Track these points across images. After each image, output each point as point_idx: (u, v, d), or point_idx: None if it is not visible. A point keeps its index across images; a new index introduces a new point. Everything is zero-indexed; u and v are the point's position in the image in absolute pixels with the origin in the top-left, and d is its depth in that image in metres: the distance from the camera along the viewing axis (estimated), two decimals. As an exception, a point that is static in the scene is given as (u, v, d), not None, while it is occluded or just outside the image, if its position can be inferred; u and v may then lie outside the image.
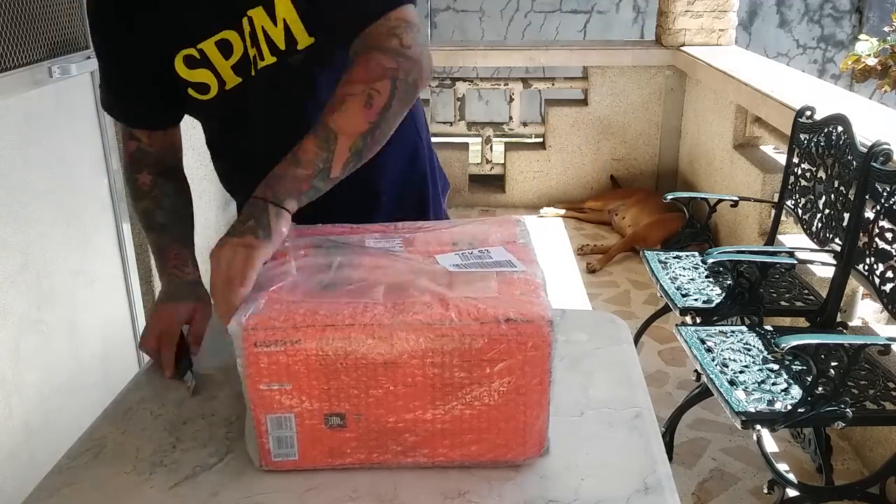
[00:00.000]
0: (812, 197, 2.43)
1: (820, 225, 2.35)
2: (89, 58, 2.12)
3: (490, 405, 0.86)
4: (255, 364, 0.83)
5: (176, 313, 1.14)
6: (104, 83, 1.23)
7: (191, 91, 1.16)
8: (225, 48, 1.12)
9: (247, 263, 0.90)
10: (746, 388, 1.88)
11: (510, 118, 4.67)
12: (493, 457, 0.89)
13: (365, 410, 0.86)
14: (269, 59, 1.12)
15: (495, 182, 4.76)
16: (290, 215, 0.96)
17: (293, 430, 0.87)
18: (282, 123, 1.15)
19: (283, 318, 0.83)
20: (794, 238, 2.82)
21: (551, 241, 4.18)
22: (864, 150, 2.09)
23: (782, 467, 2.03)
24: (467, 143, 4.72)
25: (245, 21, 1.10)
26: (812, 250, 2.36)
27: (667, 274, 2.59)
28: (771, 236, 2.69)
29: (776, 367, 1.98)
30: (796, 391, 1.86)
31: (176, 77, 1.14)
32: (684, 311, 2.37)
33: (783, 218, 2.70)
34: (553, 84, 4.67)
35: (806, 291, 2.46)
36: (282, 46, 1.11)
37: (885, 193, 2.00)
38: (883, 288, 1.97)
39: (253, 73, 1.13)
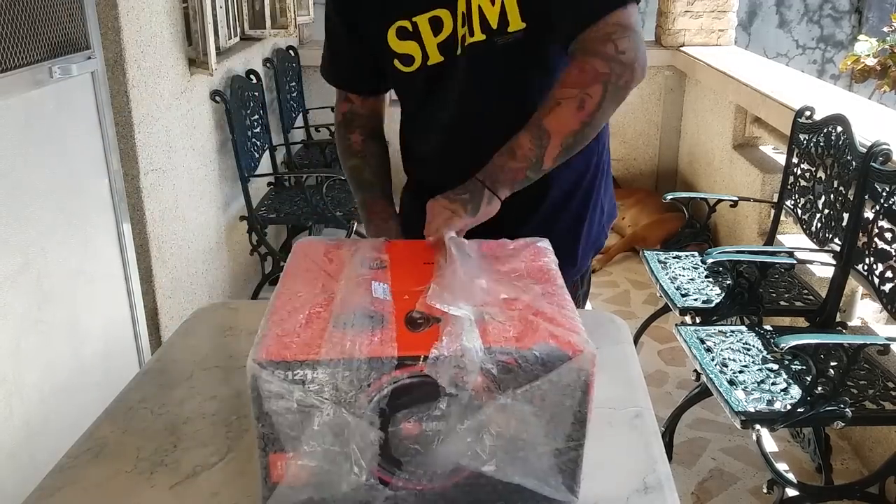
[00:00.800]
0: (811, 197, 2.43)
1: (819, 225, 2.35)
2: (89, 58, 2.12)
3: None
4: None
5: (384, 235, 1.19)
6: (328, 53, 1.40)
7: (396, 62, 1.27)
8: (436, 25, 1.21)
9: (446, 223, 1.06)
10: (746, 387, 1.88)
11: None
12: None
13: None
14: (479, 37, 1.19)
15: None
16: (500, 202, 1.11)
17: None
18: (476, 103, 1.25)
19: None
20: (793, 238, 2.82)
21: (551, 241, 4.18)
22: (864, 150, 2.10)
23: (782, 467, 2.03)
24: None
25: (462, 2, 1.18)
26: (812, 250, 2.36)
27: (666, 274, 2.59)
28: (770, 236, 2.70)
29: (776, 366, 1.98)
30: (796, 391, 1.86)
31: (385, 48, 1.26)
32: (684, 311, 2.38)
33: (783, 218, 2.71)
34: (553, 84, 4.67)
35: (805, 291, 2.46)
36: (494, 25, 1.17)
37: (884, 193, 2.00)
38: (882, 288, 1.97)
39: (458, 52, 1.22)
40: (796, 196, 2.54)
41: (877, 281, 2.00)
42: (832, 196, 2.28)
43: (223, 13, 3.13)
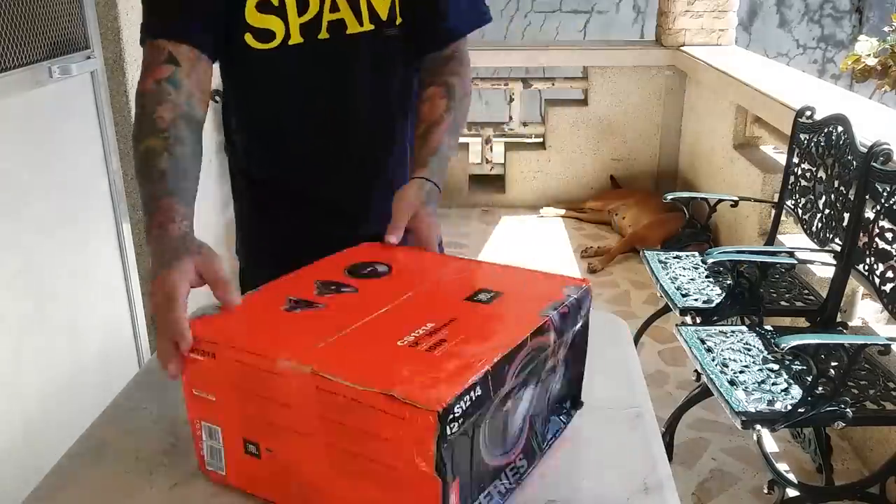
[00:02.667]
0: (812, 197, 2.43)
1: (820, 225, 2.35)
2: (89, 58, 2.12)
3: (383, 491, 0.72)
4: (188, 367, 0.83)
5: (171, 281, 0.90)
6: (166, 5, 1.13)
7: (248, 37, 1.16)
8: (302, 3, 1.15)
9: (436, 233, 1.12)
10: (746, 388, 1.88)
11: (510, 118, 4.67)
12: None
13: (274, 447, 0.80)
14: (367, 27, 1.19)
15: (495, 182, 4.76)
16: None
17: (221, 445, 0.85)
18: (350, 94, 1.23)
19: (212, 330, 0.84)
20: (794, 238, 2.82)
21: (551, 241, 4.18)
22: (864, 150, 2.09)
23: (782, 467, 2.03)
24: (467, 143, 4.72)
25: None
26: (812, 250, 2.36)
27: (667, 274, 2.59)
28: (771, 236, 2.69)
29: (776, 367, 1.98)
30: (796, 391, 1.86)
31: (238, 19, 1.14)
32: (684, 311, 2.37)
33: (783, 218, 2.70)
34: (553, 84, 4.67)
35: (806, 291, 2.46)
36: (383, 16, 1.20)
37: (885, 193, 2.00)
38: (883, 288, 1.97)
39: (320, 36, 1.18)
40: (797, 196, 2.54)
41: (877, 281, 1.99)
42: (833, 196, 2.28)
43: (223, 13, 3.13)
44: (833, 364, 1.92)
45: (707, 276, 2.57)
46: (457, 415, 0.68)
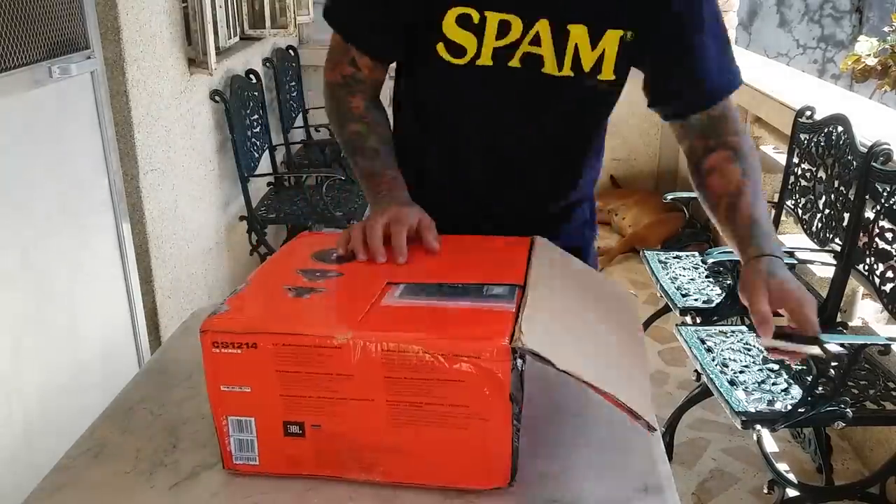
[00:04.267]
0: (812, 197, 2.43)
1: (820, 225, 2.35)
2: (89, 58, 2.12)
3: (448, 430, 0.82)
4: (214, 365, 0.83)
5: (405, 213, 1.07)
6: (356, 5, 1.20)
7: (440, 48, 1.14)
8: (503, 28, 1.11)
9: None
10: (746, 388, 1.88)
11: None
12: (454, 482, 0.85)
13: (323, 421, 0.84)
14: (567, 72, 1.13)
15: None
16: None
17: (254, 434, 0.86)
18: (529, 128, 1.20)
19: (242, 322, 0.84)
20: (794, 238, 2.82)
21: (551, 241, 4.18)
22: (864, 150, 2.09)
23: (782, 467, 2.03)
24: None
25: (542, 25, 1.11)
26: (812, 250, 2.36)
27: (667, 274, 2.59)
28: (771, 236, 2.69)
29: (776, 366, 1.98)
30: (796, 391, 1.86)
31: (434, 30, 1.13)
32: (684, 311, 2.37)
33: (783, 218, 2.70)
34: (553, 84, 4.67)
35: (806, 291, 2.46)
36: (586, 68, 1.13)
37: (885, 193, 2.00)
38: (883, 288, 1.97)
39: (511, 63, 1.13)
40: (797, 196, 2.54)
41: (877, 281, 1.99)
42: (833, 196, 2.28)
43: (223, 13, 3.13)
44: (833, 364, 1.92)
45: (707, 276, 2.57)
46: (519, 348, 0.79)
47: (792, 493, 1.90)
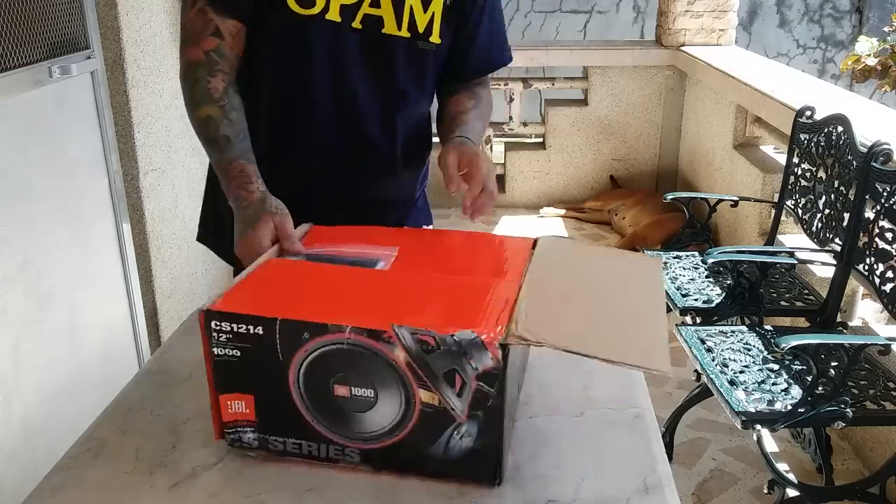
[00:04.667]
0: (812, 197, 2.43)
1: (820, 225, 2.35)
2: (89, 58, 2.12)
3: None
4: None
5: (258, 239, 1.07)
6: None
7: (291, 2, 1.18)
8: None
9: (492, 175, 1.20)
10: (746, 388, 1.88)
11: (510, 118, 4.67)
12: None
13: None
14: (404, 33, 1.25)
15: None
16: None
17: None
18: (366, 87, 1.27)
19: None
20: (794, 238, 2.82)
21: (551, 241, 4.17)
22: (864, 150, 2.09)
23: (782, 467, 2.03)
24: (467, 143, 4.71)
25: None
26: (812, 250, 2.36)
27: (667, 274, 2.59)
28: (771, 236, 2.69)
29: (776, 367, 1.98)
30: (796, 391, 1.86)
31: None
32: (684, 311, 2.37)
33: (783, 218, 2.70)
34: (553, 84, 4.67)
35: (806, 291, 2.46)
36: (420, 29, 1.26)
37: (885, 193, 2.00)
38: (883, 288, 1.97)
39: (353, 24, 1.22)
40: (797, 196, 2.54)
41: (877, 281, 1.99)
42: (833, 196, 2.28)
43: (223, 13, 3.13)
44: (833, 364, 1.92)
45: (707, 276, 2.58)
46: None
47: (792, 493, 1.90)
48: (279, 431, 0.90)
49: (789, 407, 1.79)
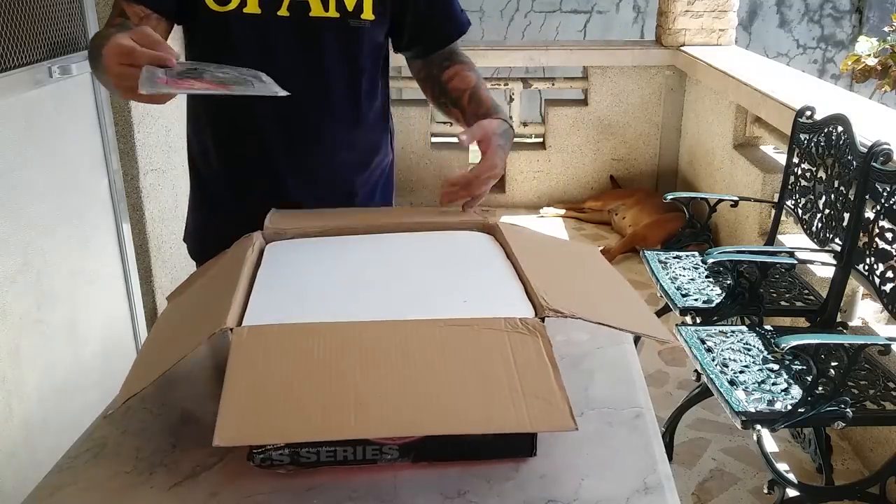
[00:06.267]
0: (812, 197, 2.43)
1: (820, 225, 2.35)
2: (89, 58, 2.12)
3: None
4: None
5: (117, 42, 0.95)
6: None
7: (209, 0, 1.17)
8: None
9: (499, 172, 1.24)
10: (746, 388, 1.88)
11: (510, 118, 4.66)
12: None
13: None
14: (333, 13, 1.22)
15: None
16: None
17: None
18: (299, 75, 1.23)
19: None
20: (794, 238, 2.82)
21: (551, 241, 4.18)
22: (864, 150, 2.09)
23: (782, 467, 2.03)
24: (467, 143, 4.71)
25: None
26: (812, 250, 2.36)
27: (667, 274, 2.59)
28: (771, 236, 2.69)
29: (776, 367, 1.98)
30: (796, 391, 1.86)
31: None
32: (684, 311, 2.37)
33: (783, 218, 2.70)
34: (553, 84, 4.67)
35: (806, 291, 2.46)
36: (350, 7, 1.22)
37: (885, 193, 2.00)
38: (883, 288, 1.97)
39: (280, 12, 1.19)
40: (797, 196, 2.54)
41: (877, 281, 1.99)
42: (833, 196, 2.28)
43: (223, 13, 3.13)
44: (833, 364, 1.92)
45: (707, 276, 2.57)
46: None
47: (792, 493, 1.90)
48: (312, 441, 0.87)
49: (789, 407, 1.79)
